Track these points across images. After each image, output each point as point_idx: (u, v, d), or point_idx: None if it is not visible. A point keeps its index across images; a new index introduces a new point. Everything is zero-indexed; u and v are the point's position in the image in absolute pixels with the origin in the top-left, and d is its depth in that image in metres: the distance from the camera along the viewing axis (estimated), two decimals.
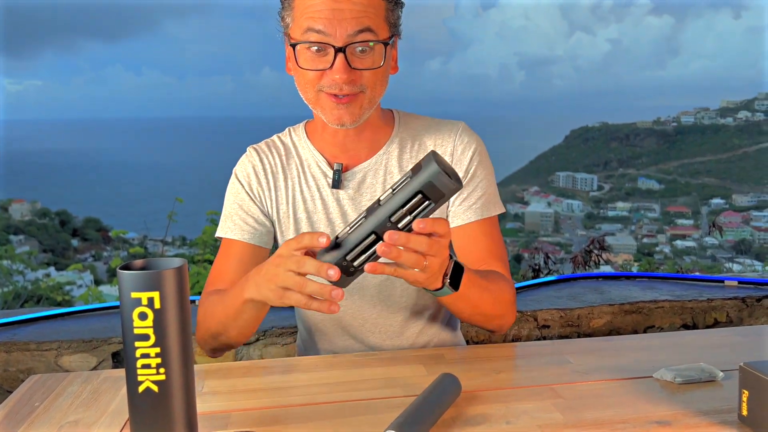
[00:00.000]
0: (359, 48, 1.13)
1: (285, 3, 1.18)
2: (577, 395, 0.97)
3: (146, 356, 0.73)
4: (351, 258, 0.90)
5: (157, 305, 0.72)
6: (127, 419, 0.93)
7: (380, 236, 0.87)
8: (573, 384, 1.01)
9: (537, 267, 3.72)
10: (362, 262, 0.90)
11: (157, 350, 0.73)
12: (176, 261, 0.76)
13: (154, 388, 0.73)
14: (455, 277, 1.03)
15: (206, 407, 0.97)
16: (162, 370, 0.73)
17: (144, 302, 0.72)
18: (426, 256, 0.91)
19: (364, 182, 1.27)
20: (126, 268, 0.74)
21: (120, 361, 1.79)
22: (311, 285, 0.92)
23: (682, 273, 3.27)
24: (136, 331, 0.72)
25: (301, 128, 1.33)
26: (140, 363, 0.73)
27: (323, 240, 0.89)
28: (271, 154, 1.31)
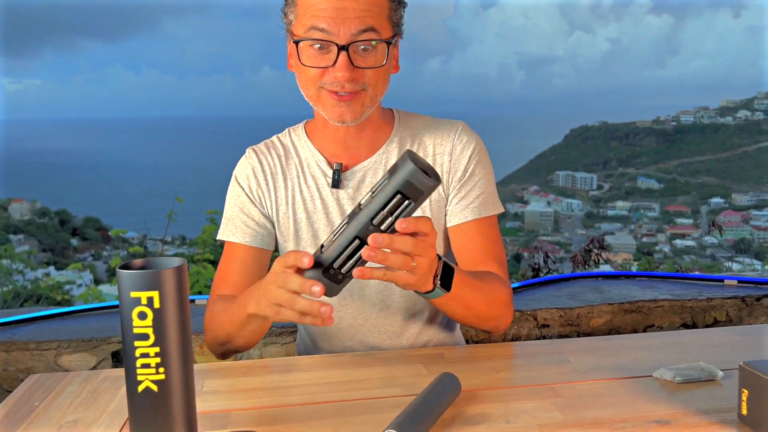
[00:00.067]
0: (362, 46, 1.13)
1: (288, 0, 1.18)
2: (577, 394, 0.97)
3: (146, 356, 0.73)
4: (338, 265, 0.89)
5: (157, 305, 0.72)
6: (127, 419, 0.93)
7: (364, 240, 0.87)
8: (572, 383, 1.01)
9: (536, 266, 3.72)
10: (350, 268, 0.89)
11: (157, 350, 0.73)
12: (176, 260, 0.76)
13: (154, 388, 0.73)
14: (446, 279, 1.02)
15: (206, 407, 0.97)
16: (161, 370, 0.73)
17: (143, 302, 0.72)
18: (414, 257, 0.90)
19: (364, 182, 1.26)
20: (125, 268, 0.74)
21: (119, 361, 1.78)
22: (301, 302, 0.92)
23: (682, 272, 3.27)
24: (136, 331, 0.72)
25: (301, 128, 1.33)
26: (140, 362, 0.73)
27: (306, 260, 0.89)
28: (270, 156, 1.30)
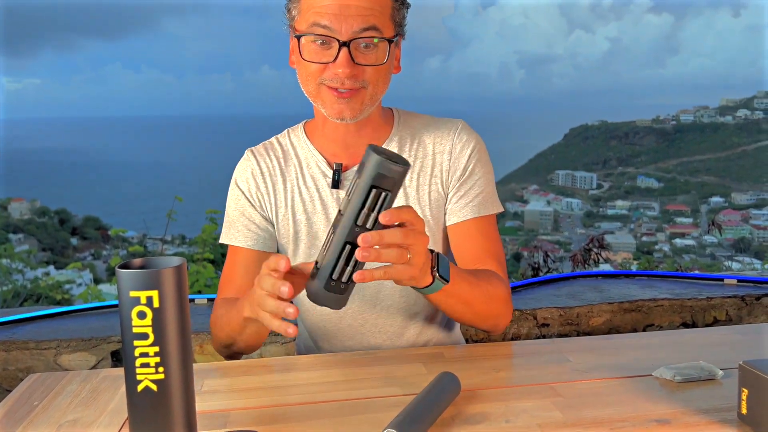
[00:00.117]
0: (363, 44, 1.13)
1: None
2: (577, 394, 0.97)
3: (145, 355, 0.73)
4: (337, 276, 0.89)
5: (156, 304, 0.72)
6: (126, 418, 0.93)
7: (355, 244, 0.87)
8: (572, 382, 1.01)
9: (536, 265, 3.73)
10: (349, 275, 0.89)
11: (156, 349, 0.73)
12: (175, 260, 0.76)
13: (153, 387, 0.73)
14: (442, 271, 1.02)
15: (205, 406, 0.97)
16: (161, 369, 0.73)
17: (143, 301, 0.72)
18: (408, 248, 0.91)
19: None
20: (125, 267, 0.73)
21: (119, 360, 1.78)
22: (270, 303, 0.93)
23: (682, 271, 3.28)
24: (135, 330, 0.72)
25: (300, 129, 1.32)
26: (139, 362, 0.73)
27: (282, 263, 0.91)
28: (269, 157, 1.30)
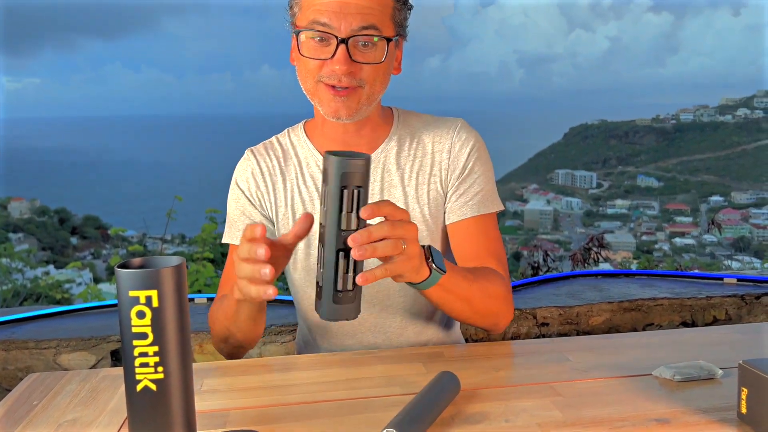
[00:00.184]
0: (362, 42, 1.13)
1: None
2: (576, 393, 0.97)
3: (144, 355, 0.73)
4: (341, 287, 0.88)
5: (155, 304, 0.72)
6: (126, 418, 0.93)
7: (346, 249, 0.87)
8: (572, 382, 1.01)
9: (536, 265, 3.73)
10: (353, 281, 0.89)
11: (156, 349, 0.73)
12: (174, 259, 0.75)
13: (153, 387, 0.73)
14: (437, 262, 1.02)
15: (205, 405, 0.97)
16: (160, 369, 0.73)
17: (142, 300, 0.72)
18: (400, 239, 0.91)
19: None
20: (124, 267, 0.73)
21: (119, 360, 1.78)
22: (245, 268, 0.93)
23: (681, 270, 3.28)
24: (134, 330, 0.72)
25: (300, 128, 1.32)
26: (138, 362, 0.73)
27: (258, 230, 0.91)
28: (269, 157, 1.30)
